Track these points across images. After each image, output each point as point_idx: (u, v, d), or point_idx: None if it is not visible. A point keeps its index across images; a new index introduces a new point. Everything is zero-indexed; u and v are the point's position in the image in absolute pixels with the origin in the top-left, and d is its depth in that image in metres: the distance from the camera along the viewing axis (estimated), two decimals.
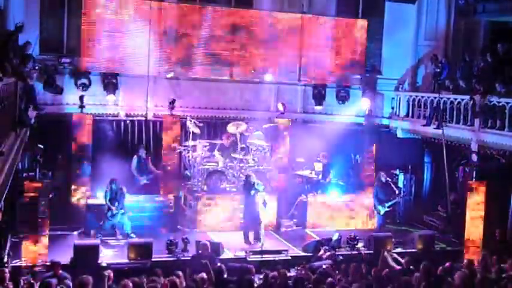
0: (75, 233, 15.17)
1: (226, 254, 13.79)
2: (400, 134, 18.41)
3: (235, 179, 16.49)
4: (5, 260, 11.59)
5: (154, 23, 16.76)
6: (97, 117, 16.66)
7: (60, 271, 10.80)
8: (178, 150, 16.92)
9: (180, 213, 16.42)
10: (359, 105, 18.50)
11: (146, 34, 16.67)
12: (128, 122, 17.12)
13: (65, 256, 12.87)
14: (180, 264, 12.36)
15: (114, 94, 16.67)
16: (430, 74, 18.54)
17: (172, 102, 16.69)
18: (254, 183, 14.74)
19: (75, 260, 12.63)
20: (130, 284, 9.93)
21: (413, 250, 14.68)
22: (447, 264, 11.85)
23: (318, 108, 18.43)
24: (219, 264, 11.82)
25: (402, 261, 11.95)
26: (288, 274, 11.31)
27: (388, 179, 15.89)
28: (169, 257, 13.43)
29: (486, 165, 15.30)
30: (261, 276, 11.04)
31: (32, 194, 12.96)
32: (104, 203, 14.77)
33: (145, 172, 16.18)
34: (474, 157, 15.01)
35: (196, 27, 17.34)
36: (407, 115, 18.32)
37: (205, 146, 16.62)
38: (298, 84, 18.40)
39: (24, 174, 13.67)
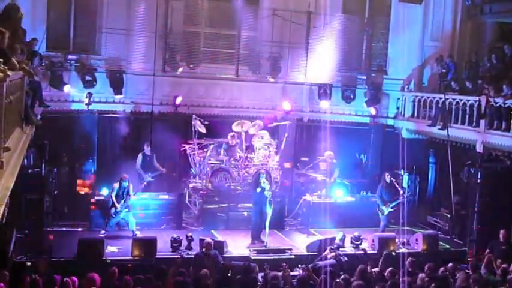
0: (80, 229, 15.21)
1: (230, 253, 13.81)
2: (405, 135, 18.39)
3: (239, 178, 16.50)
4: (10, 255, 11.64)
5: (160, 20, 16.78)
6: (102, 114, 16.70)
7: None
8: (183, 148, 16.96)
9: (185, 211, 16.47)
10: (364, 105, 18.56)
11: (152, 31, 16.70)
12: (133, 119, 17.14)
13: (69, 252, 12.94)
14: (184, 262, 12.35)
15: (119, 91, 16.70)
16: (436, 74, 18.52)
17: (175, 99, 16.77)
18: (261, 181, 14.67)
19: (80, 256, 12.68)
20: (132, 282, 10.03)
21: (417, 250, 14.70)
22: (450, 264, 11.90)
23: (324, 107, 18.41)
24: (222, 262, 11.88)
25: None
26: (292, 273, 11.36)
27: (392, 179, 15.87)
28: (173, 254, 13.43)
29: (491, 166, 15.29)
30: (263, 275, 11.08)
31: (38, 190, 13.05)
32: (109, 198, 14.76)
33: (150, 169, 16.18)
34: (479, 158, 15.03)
35: (202, 24, 17.36)
36: (412, 115, 18.30)
37: (211, 144, 16.65)
38: (304, 83, 18.38)
39: (30, 171, 13.72)
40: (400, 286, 10.43)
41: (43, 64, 15.02)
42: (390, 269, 11.43)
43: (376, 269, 12.07)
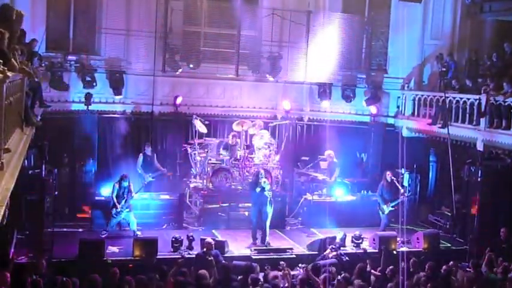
0: (81, 229, 15.21)
1: (231, 252, 13.80)
2: (405, 133, 18.38)
3: (240, 177, 16.49)
4: (11, 256, 11.63)
5: (160, 20, 16.77)
6: (103, 115, 16.70)
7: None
8: (183, 148, 16.95)
9: (186, 211, 16.46)
10: (364, 104, 18.56)
11: (152, 31, 16.69)
12: (133, 119, 17.14)
13: (70, 253, 12.93)
14: (185, 261, 12.35)
15: (120, 92, 16.69)
16: (436, 73, 18.51)
17: (176, 99, 16.76)
18: (260, 181, 14.64)
19: (80, 256, 12.67)
20: (133, 282, 10.03)
21: (418, 249, 14.69)
22: (451, 263, 11.90)
23: (324, 106, 18.40)
24: (223, 262, 11.88)
25: None
26: (292, 273, 11.35)
27: (393, 178, 15.86)
28: (174, 254, 13.43)
29: (492, 164, 15.28)
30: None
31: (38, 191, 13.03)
32: (110, 199, 14.75)
33: (151, 170, 16.16)
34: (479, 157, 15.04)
35: (202, 24, 17.35)
36: (412, 114, 18.28)
37: (211, 144, 16.64)
38: (304, 82, 18.37)
39: (31, 172, 13.72)
40: (400, 285, 10.45)
41: (43, 65, 15.01)
42: (391, 267, 11.43)
43: (379, 270, 12.04)
